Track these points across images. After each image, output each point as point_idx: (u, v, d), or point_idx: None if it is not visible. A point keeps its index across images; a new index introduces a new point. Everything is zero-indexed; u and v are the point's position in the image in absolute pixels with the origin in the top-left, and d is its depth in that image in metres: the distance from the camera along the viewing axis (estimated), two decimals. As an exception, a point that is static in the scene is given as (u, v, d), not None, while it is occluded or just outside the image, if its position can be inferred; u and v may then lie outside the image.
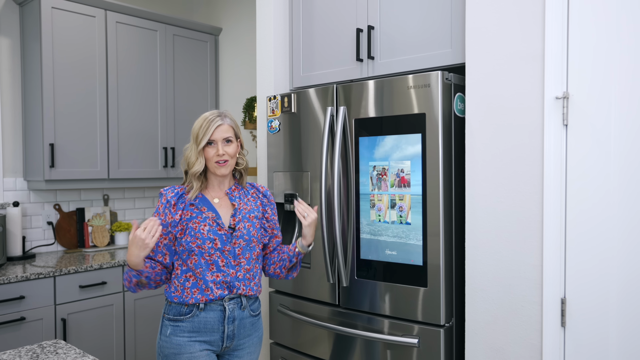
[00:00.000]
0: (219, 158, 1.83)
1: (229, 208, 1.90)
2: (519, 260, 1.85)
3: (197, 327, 1.79)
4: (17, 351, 1.58)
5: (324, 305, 2.33)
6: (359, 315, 2.20)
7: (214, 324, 1.81)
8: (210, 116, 1.86)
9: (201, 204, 1.86)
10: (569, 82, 1.74)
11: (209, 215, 1.84)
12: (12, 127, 3.21)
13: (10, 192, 3.19)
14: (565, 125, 1.75)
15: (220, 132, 1.83)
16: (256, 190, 2.01)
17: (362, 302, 2.19)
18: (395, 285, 2.08)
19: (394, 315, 2.09)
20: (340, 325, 2.24)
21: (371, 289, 2.15)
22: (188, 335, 1.79)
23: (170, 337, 1.80)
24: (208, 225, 1.81)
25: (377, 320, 2.14)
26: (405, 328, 2.05)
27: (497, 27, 1.88)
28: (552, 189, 1.76)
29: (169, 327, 1.81)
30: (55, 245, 3.36)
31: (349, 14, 2.45)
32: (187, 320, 1.79)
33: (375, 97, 2.13)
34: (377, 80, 2.13)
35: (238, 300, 1.85)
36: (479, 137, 1.94)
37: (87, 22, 3.20)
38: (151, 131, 3.53)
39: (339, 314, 2.27)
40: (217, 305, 1.81)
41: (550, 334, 1.77)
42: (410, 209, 2.04)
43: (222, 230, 1.83)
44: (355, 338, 2.20)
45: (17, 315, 2.64)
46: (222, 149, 1.83)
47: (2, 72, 3.16)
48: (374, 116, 2.14)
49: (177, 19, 3.65)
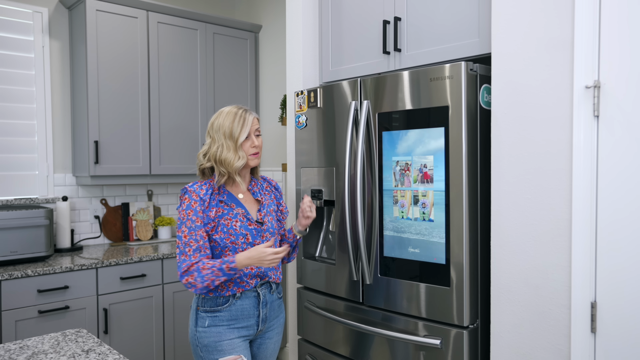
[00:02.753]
0: (255, 150, 1.91)
1: (253, 203, 1.97)
2: (547, 261, 1.74)
3: (234, 315, 1.87)
4: (41, 338, 1.66)
5: (349, 302, 2.29)
6: (382, 314, 2.15)
7: (250, 309, 1.89)
8: (239, 111, 1.90)
9: (230, 201, 1.91)
10: (600, 70, 1.62)
11: (239, 211, 1.89)
12: (62, 125, 3.38)
13: (60, 188, 3.36)
14: (596, 117, 1.63)
15: (255, 124, 1.92)
16: (269, 184, 2.10)
17: (385, 300, 2.14)
18: (418, 284, 2.02)
19: (416, 314, 2.03)
20: (363, 323, 2.20)
21: (394, 287, 2.10)
22: (227, 323, 1.87)
23: (210, 328, 1.86)
24: (240, 221, 1.87)
25: (400, 319, 2.08)
26: (428, 328, 1.99)
27: (524, 13, 1.78)
28: (582, 185, 1.64)
29: (207, 318, 1.87)
30: (102, 238, 3.52)
31: (376, 6, 2.40)
32: (225, 310, 1.87)
33: (398, 90, 2.07)
34: (400, 73, 2.07)
35: (267, 285, 1.95)
36: (505, 130, 1.84)
37: (130, 23, 3.31)
38: (191, 128, 3.62)
39: (362, 311, 2.23)
40: (252, 292, 1.90)
41: (579, 340, 1.66)
42: (433, 205, 1.97)
43: (252, 225, 1.90)
44: (378, 337, 2.15)
45: (61, 304, 2.78)
46: (256, 140, 1.91)
47: (53, 74, 3.34)
48: (396, 110, 2.08)
49: (217, 18, 3.71)
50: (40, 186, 3.29)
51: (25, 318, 2.66)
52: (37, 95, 3.27)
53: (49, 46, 3.31)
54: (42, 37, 3.29)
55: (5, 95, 3.16)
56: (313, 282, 2.47)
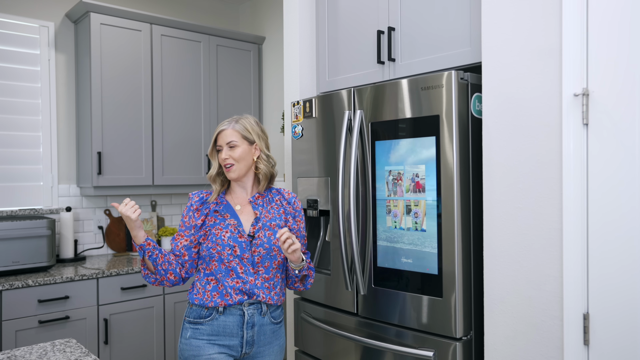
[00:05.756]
0: (224, 162, 1.88)
1: (250, 215, 1.90)
2: (539, 271, 1.71)
3: (216, 330, 1.81)
4: (30, 348, 1.67)
5: (344, 313, 2.28)
6: (377, 325, 2.13)
7: (233, 328, 1.81)
8: (223, 122, 1.93)
9: (225, 211, 1.89)
10: (589, 77, 1.60)
11: (231, 222, 1.86)
12: (67, 136, 3.43)
13: (65, 198, 3.41)
14: (585, 125, 1.61)
15: (224, 137, 1.88)
16: (281, 197, 1.98)
17: (379, 311, 2.12)
18: (411, 294, 2.00)
19: (409, 326, 2.01)
20: (358, 334, 2.18)
21: (388, 298, 2.08)
22: (207, 337, 1.81)
23: (190, 340, 1.82)
24: (229, 232, 1.84)
25: (394, 331, 2.06)
26: (422, 340, 1.96)
27: (513, 21, 1.77)
28: (572, 193, 1.61)
29: (189, 329, 1.84)
30: (105, 248, 3.54)
31: (371, 16, 2.40)
32: (207, 323, 1.81)
33: (391, 99, 2.07)
34: (393, 83, 2.06)
35: (258, 306, 1.84)
36: (496, 139, 1.83)
37: (134, 36, 3.36)
38: (195, 139, 3.65)
39: (358, 322, 2.21)
40: (236, 309, 1.82)
41: (572, 352, 1.62)
42: (425, 215, 1.95)
43: (243, 237, 1.83)
44: (372, 349, 2.13)
45: (62, 314, 2.80)
46: (226, 153, 1.86)
47: (59, 86, 3.39)
48: (389, 119, 2.07)
49: (220, 30, 3.75)
50: (45, 197, 3.34)
51: (26, 328, 2.69)
52: (42, 107, 3.33)
53: (54, 59, 3.37)
54: (48, 50, 3.35)
55: (12, 107, 3.22)
56: (310, 293, 2.45)
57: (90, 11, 3.18)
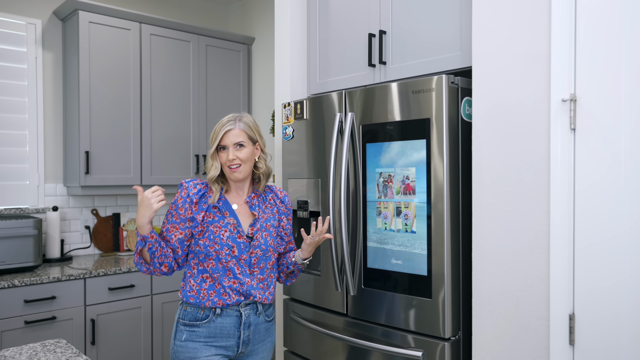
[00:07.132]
0: (230, 163, 1.81)
1: (248, 216, 1.88)
2: (526, 273, 1.75)
3: (213, 332, 1.79)
4: (19, 348, 1.66)
5: (334, 314, 2.29)
6: (366, 326, 2.15)
7: (230, 329, 1.80)
8: (224, 120, 1.86)
9: (224, 208, 1.84)
10: (576, 83, 1.63)
11: (231, 221, 1.82)
12: (54, 135, 3.40)
13: (51, 198, 3.37)
14: (572, 130, 1.65)
15: (231, 137, 1.82)
16: (274, 195, 1.97)
17: (369, 312, 2.14)
18: (401, 295, 2.02)
19: (399, 326, 2.03)
20: (348, 334, 2.20)
21: (378, 299, 2.10)
22: (204, 340, 1.79)
23: (186, 342, 1.79)
24: (229, 232, 1.80)
25: (383, 331, 2.08)
26: (411, 340, 1.99)
27: (503, 28, 1.80)
28: (559, 197, 1.65)
29: (185, 332, 1.80)
30: (92, 248, 3.52)
31: (362, 19, 2.43)
32: (204, 326, 1.79)
33: (382, 102, 2.09)
34: (384, 86, 2.09)
35: (254, 305, 1.84)
36: (485, 143, 1.86)
37: (123, 35, 3.34)
38: (183, 139, 3.63)
39: (347, 323, 2.23)
40: (233, 310, 1.80)
41: (558, 352, 1.66)
42: (415, 217, 1.98)
43: (242, 238, 1.81)
44: (362, 349, 2.15)
45: (48, 314, 2.78)
46: (233, 153, 1.81)
47: (46, 85, 3.36)
48: (380, 122, 2.10)
49: (210, 30, 3.74)
50: (31, 196, 3.30)
51: (11, 329, 2.66)
52: (29, 105, 3.30)
53: (42, 57, 3.34)
54: (36, 48, 3.32)
55: (-3, 105, 3.18)
56: (299, 293, 2.47)
57: (79, 9, 3.16)
